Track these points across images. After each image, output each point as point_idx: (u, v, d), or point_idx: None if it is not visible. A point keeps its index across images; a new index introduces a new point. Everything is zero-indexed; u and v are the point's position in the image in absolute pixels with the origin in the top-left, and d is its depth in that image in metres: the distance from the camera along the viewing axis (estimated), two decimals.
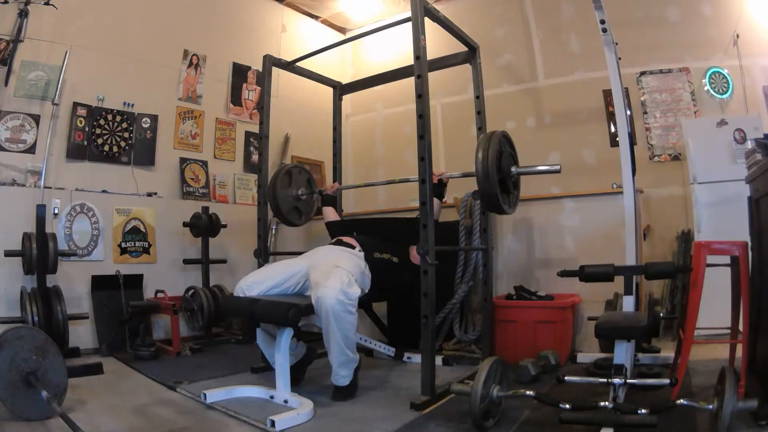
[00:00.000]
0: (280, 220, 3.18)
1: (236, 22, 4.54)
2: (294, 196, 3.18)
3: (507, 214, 2.43)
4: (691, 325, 2.06)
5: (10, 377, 1.87)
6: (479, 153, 2.17)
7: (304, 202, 3.24)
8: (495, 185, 2.16)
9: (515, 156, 2.43)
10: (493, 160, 2.15)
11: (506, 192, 2.33)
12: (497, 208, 2.28)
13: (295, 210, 3.20)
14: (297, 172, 3.23)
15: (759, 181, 1.97)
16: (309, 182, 3.30)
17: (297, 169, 3.25)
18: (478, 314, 3.07)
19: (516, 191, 2.46)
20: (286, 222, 3.18)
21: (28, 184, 3.18)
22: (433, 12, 2.50)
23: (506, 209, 2.33)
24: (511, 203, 2.40)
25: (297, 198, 3.19)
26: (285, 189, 3.12)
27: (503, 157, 2.26)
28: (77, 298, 3.23)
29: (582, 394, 2.04)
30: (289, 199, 3.16)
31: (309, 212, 3.30)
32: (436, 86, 3.65)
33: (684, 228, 3.47)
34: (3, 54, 3.11)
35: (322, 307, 2.08)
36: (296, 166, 3.28)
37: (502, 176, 2.24)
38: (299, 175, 3.24)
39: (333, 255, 2.48)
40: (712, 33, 3.77)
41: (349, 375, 2.25)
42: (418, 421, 1.96)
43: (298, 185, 3.20)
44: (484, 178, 2.15)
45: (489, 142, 2.20)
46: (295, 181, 3.20)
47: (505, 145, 2.33)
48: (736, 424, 1.54)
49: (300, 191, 3.20)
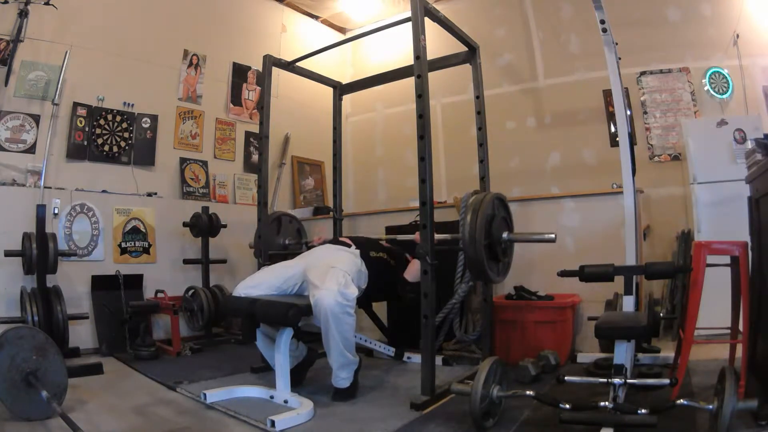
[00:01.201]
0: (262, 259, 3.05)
1: (236, 22, 4.54)
2: (281, 245, 3.19)
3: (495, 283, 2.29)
4: (691, 325, 2.06)
5: (10, 377, 1.87)
6: (467, 217, 2.07)
7: (291, 252, 3.23)
8: (482, 253, 2.06)
9: (509, 220, 2.33)
10: (482, 226, 2.05)
11: (495, 259, 2.21)
12: (483, 276, 2.16)
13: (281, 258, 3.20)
14: (287, 221, 3.26)
15: (759, 181, 1.97)
16: (299, 232, 3.32)
17: (288, 218, 3.28)
18: (478, 314, 3.07)
19: (506, 258, 2.33)
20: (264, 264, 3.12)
21: (28, 184, 3.18)
22: (433, 12, 2.50)
23: (493, 277, 2.20)
24: (499, 271, 2.27)
25: (284, 247, 3.20)
26: (273, 236, 3.14)
27: (494, 222, 2.16)
28: (77, 298, 3.23)
29: (582, 394, 2.04)
30: (276, 247, 3.17)
31: None
32: (436, 86, 3.66)
33: (684, 228, 3.46)
34: (3, 54, 3.11)
35: (321, 310, 2.08)
36: (286, 214, 3.33)
37: (491, 242, 2.13)
38: (289, 225, 3.26)
39: (329, 255, 2.48)
40: (712, 33, 3.77)
41: (349, 377, 2.25)
42: (418, 421, 1.96)
43: (285, 235, 3.22)
44: (470, 245, 2.05)
45: (480, 205, 2.08)
46: (284, 230, 3.22)
47: (499, 209, 2.24)
48: (736, 424, 1.54)
49: (287, 240, 3.21)
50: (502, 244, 2.23)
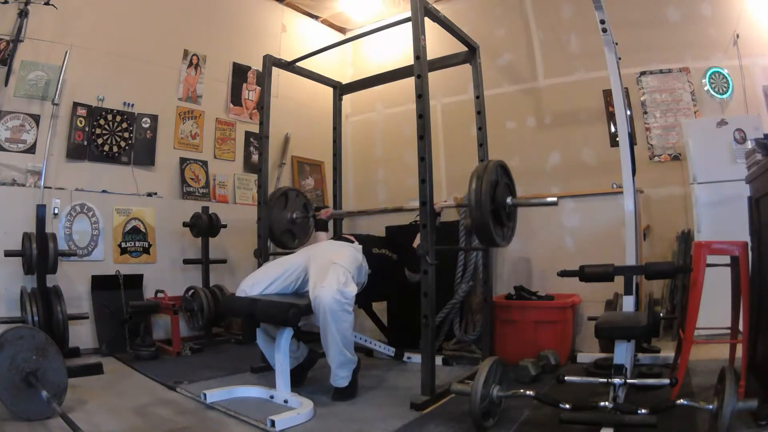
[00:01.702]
0: (272, 240, 3.10)
1: (236, 22, 4.54)
2: (288, 219, 3.19)
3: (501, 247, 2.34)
4: (691, 325, 2.06)
5: (10, 377, 1.87)
6: (473, 182, 2.11)
7: (298, 226, 3.24)
8: (488, 216, 2.10)
9: (512, 186, 2.38)
10: (487, 191, 2.10)
11: (500, 224, 2.26)
12: (490, 240, 2.20)
13: (288, 232, 3.21)
14: (294, 195, 3.25)
15: (759, 181, 1.98)
16: (305, 207, 3.31)
17: (294, 192, 3.27)
18: (478, 314, 3.07)
19: (511, 223, 2.39)
20: (277, 243, 3.14)
21: (28, 184, 3.18)
22: (433, 12, 2.50)
23: (499, 242, 2.25)
24: (505, 236, 2.33)
25: (291, 221, 3.20)
26: (280, 211, 3.14)
27: (498, 188, 2.20)
28: (77, 298, 3.23)
29: (582, 394, 2.04)
30: (284, 222, 3.17)
31: (302, 237, 3.29)
32: (436, 86, 3.65)
33: (684, 228, 3.46)
34: (3, 54, 3.11)
35: (320, 307, 2.09)
36: (293, 189, 3.32)
37: (495, 207, 2.18)
38: (296, 199, 3.25)
39: (330, 249, 2.49)
40: (712, 33, 3.77)
41: (348, 376, 2.25)
42: (418, 421, 1.96)
43: (293, 209, 3.21)
44: (477, 210, 2.09)
45: (484, 172, 2.14)
46: (291, 204, 3.21)
47: (502, 175, 2.28)
48: (736, 424, 1.54)
49: (295, 215, 3.21)
50: (506, 208, 2.28)
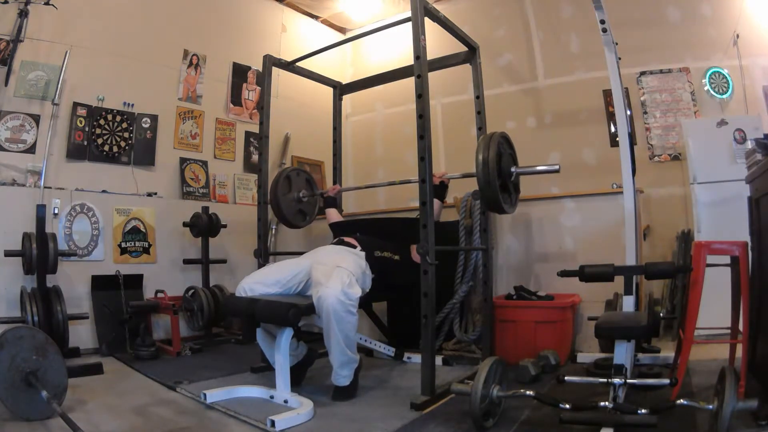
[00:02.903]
0: (284, 224, 3.22)
1: (236, 22, 4.53)
2: (296, 199, 3.21)
3: (508, 214, 2.45)
4: (691, 325, 2.06)
5: (10, 377, 1.87)
6: (479, 155, 2.18)
7: (306, 204, 3.27)
8: (496, 186, 2.17)
9: (515, 156, 2.44)
10: (494, 161, 2.16)
11: (507, 192, 2.35)
12: (498, 208, 2.30)
13: (299, 213, 3.24)
14: (295, 174, 3.25)
15: (759, 181, 1.98)
16: (309, 183, 3.31)
17: (295, 171, 3.27)
18: (478, 314, 3.07)
19: (516, 192, 2.48)
20: (291, 225, 3.22)
21: (28, 184, 3.18)
22: (433, 12, 2.50)
23: (507, 209, 2.35)
24: (512, 202, 2.43)
25: (299, 200, 3.22)
26: (286, 194, 3.15)
27: (503, 158, 2.27)
28: (77, 298, 3.23)
29: (582, 394, 2.04)
30: (292, 203, 3.19)
31: (312, 213, 3.34)
32: (436, 86, 3.65)
33: (684, 228, 3.47)
34: (3, 54, 3.11)
35: (323, 308, 2.09)
36: (294, 168, 3.30)
37: (502, 178, 2.26)
38: (297, 178, 3.25)
39: (335, 255, 2.49)
40: (712, 33, 3.77)
41: (349, 375, 2.26)
42: (418, 421, 1.96)
43: (298, 188, 3.23)
44: (484, 179, 2.16)
45: (489, 143, 2.20)
46: (295, 184, 3.23)
47: (505, 146, 2.34)
48: (736, 424, 1.54)
49: (301, 193, 3.22)
50: (511, 177, 2.35)
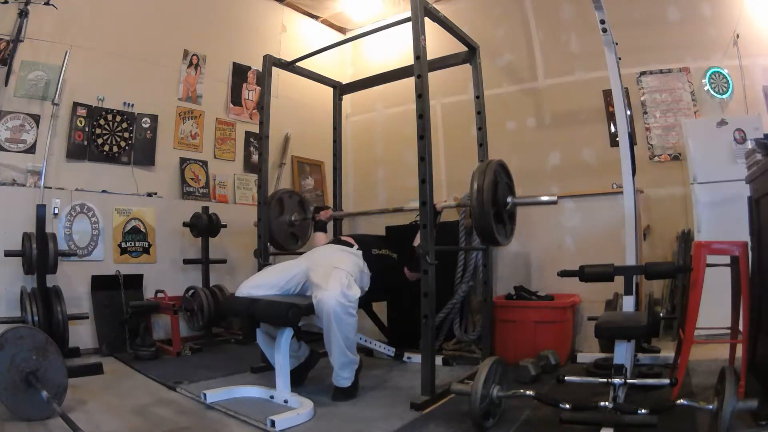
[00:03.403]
0: (275, 248, 3.12)
1: (236, 22, 4.53)
2: (288, 222, 3.19)
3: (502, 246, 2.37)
4: (691, 325, 2.06)
5: (10, 377, 1.87)
6: (474, 182, 2.13)
7: (299, 227, 3.25)
8: (490, 216, 2.12)
9: (512, 186, 2.40)
10: (489, 190, 2.12)
11: (501, 223, 2.28)
12: (492, 239, 2.23)
13: (292, 236, 3.22)
14: (287, 197, 3.25)
15: (759, 181, 1.98)
16: (301, 205, 3.30)
17: (287, 194, 3.28)
18: (478, 314, 3.07)
19: (511, 222, 2.41)
20: (283, 249, 3.16)
21: (28, 184, 3.18)
22: (433, 12, 2.51)
23: (501, 240, 2.28)
24: (506, 234, 2.36)
25: (291, 224, 3.20)
26: (278, 217, 3.13)
27: (499, 187, 2.22)
28: (77, 298, 3.23)
29: (582, 394, 2.04)
30: (284, 226, 3.17)
31: (304, 236, 3.30)
32: (436, 86, 3.65)
33: (684, 228, 3.47)
34: (3, 54, 3.11)
35: (323, 310, 2.09)
36: (287, 191, 3.32)
37: (497, 206, 2.21)
38: (290, 200, 3.25)
39: (332, 255, 2.48)
40: (712, 33, 3.77)
41: (350, 377, 2.26)
42: (418, 421, 1.96)
43: (291, 211, 3.21)
44: (478, 209, 2.11)
45: (485, 170, 2.16)
46: (288, 206, 3.22)
47: (501, 175, 2.29)
48: (736, 424, 1.54)
49: (293, 217, 3.20)
50: (507, 207, 2.30)
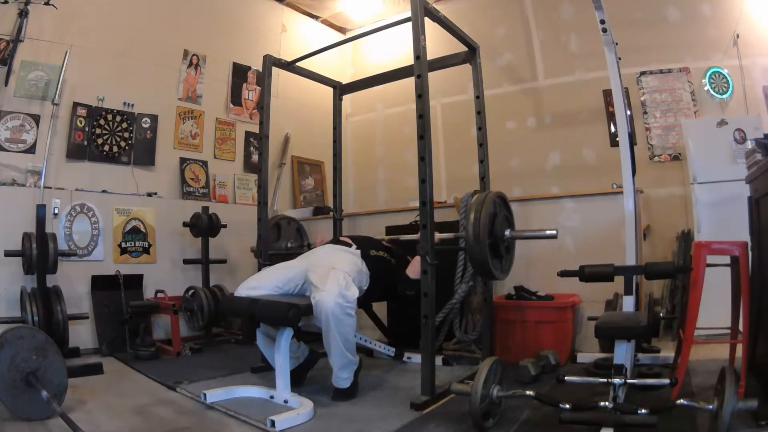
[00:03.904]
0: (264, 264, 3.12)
1: (236, 22, 4.54)
2: (284, 248, 3.19)
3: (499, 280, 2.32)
4: (691, 325, 2.06)
5: (10, 377, 1.87)
6: (470, 215, 2.11)
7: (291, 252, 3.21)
8: (486, 251, 2.09)
9: (510, 219, 2.37)
10: (485, 224, 2.09)
11: (498, 257, 2.25)
12: (487, 273, 2.20)
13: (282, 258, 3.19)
14: (286, 223, 3.26)
15: (759, 181, 1.98)
16: (299, 232, 3.30)
17: (285, 220, 3.29)
18: (478, 314, 3.07)
19: (509, 255, 2.38)
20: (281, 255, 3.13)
21: (28, 184, 3.18)
22: (433, 12, 2.50)
23: (497, 274, 2.24)
24: (503, 268, 2.32)
25: (287, 250, 3.19)
26: (274, 243, 3.13)
27: (497, 221, 2.20)
28: (77, 298, 3.23)
29: (582, 394, 2.04)
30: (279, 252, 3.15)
31: None
32: (436, 86, 3.65)
33: (684, 228, 3.47)
34: (3, 54, 3.11)
35: (322, 311, 2.09)
36: (285, 217, 3.33)
37: (494, 240, 2.18)
38: (288, 227, 3.25)
39: (330, 256, 2.48)
40: (712, 33, 3.77)
41: (349, 377, 2.26)
42: (418, 421, 1.96)
43: (287, 237, 3.22)
44: (474, 242, 2.08)
45: (482, 203, 2.13)
46: (285, 232, 3.22)
47: (500, 208, 2.27)
48: (736, 424, 1.54)
49: (289, 244, 3.20)
50: (504, 241, 2.27)
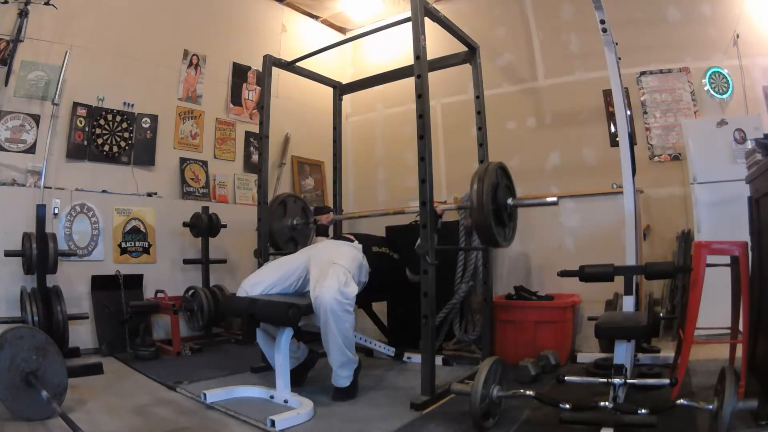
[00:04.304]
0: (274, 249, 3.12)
1: (236, 22, 4.53)
2: (289, 226, 3.19)
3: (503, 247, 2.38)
4: (691, 325, 2.06)
5: (10, 377, 1.87)
6: (474, 185, 2.15)
7: (299, 231, 3.24)
8: (490, 219, 2.14)
9: (512, 188, 2.41)
10: (488, 192, 2.13)
11: (501, 225, 2.30)
12: (493, 241, 2.25)
13: (291, 240, 3.21)
14: (292, 201, 3.25)
15: (759, 181, 1.98)
16: (304, 211, 3.30)
17: (292, 198, 3.27)
18: (478, 314, 3.07)
19: (512, 223, 2.43)
20: (281, 251, 3.14)
21: (28, 184, 3.18)
22: (433, 12, 2.51)
23: (501, 242, 2.30)
24: (506, 236, 2.37)
25: (292, 227, 3.20)
26: (280, 220, 3.14)
27: (499, 189, 2.24)
28: (77, 298, 3.23)
29: (582, 394, 2.04)
30: (285, 229, 3.17)
31: (304, 242, 3.30)
32: (436, 86, 3.65)
33: (684, 228, 3.47)
34: (3, 54, 3.11)
35: (320, 307, 2.09)
36: (291, 195, 3.32)
37: (497, 208, 2.22)
38: (294, 205, 3.25)
39: (331, 250, 2.49)
40: (712, 33, 3.77)
41: (349, 376, 2.26)
42: (418, 421, 1.96)
43: (293, 215, 3.22)
44: (478, 211, 2.13)
45: (485, 174, 2.18)
46: (291, 211, 3.21)
47: (502, 177, 2.32)
48: (736, 424, 1.54)
49: (295, 221, 3.20)
50: (507, 209, 2.32)
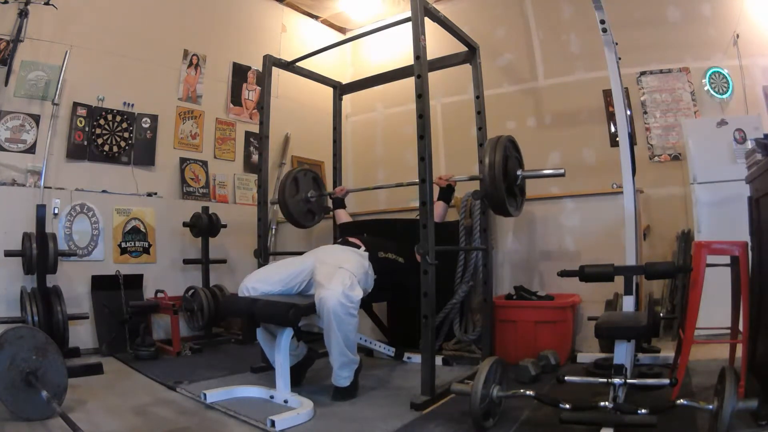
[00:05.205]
0: (293, 225, 3.26)
1: (236, 22, 4.54)
2: (304, 199, 3.24)
3: (513, 216, 2.48)
4: (691, 325, 2.06)
5: (10, 377, 1.87)
6: (486, 158, 2.21)
7: (315, 203, 3.30)
8: (502, 190, 2.21)
9: (521, 160, 2.48)
10: (500, 164, 2.20)
11: (513, 196, 2.38)
12: (504, 211, 2.34)
13: (308, 213, 3.28)
14: (302, 175, 3.27)
15: (759, 181, 1.97)
16: (315, 181, 3.33)
17: (302, 172, 3.29)
18: (478, 314, 3.07)
19: (522, 195, 2.52)
20: (300, 226, 3.27)
21: (28, 184, 3.18)
22: (433, 12, 2.50)
23: (512, 212, 2.39)
24: (517, 205, 2.46)
25: (307, 201, 3.25)
26: (294, 196, 3.18)
27: (509, 162, 2.31)
28: (77, 298, 3.23)
29: (582, 394, 2.04)
30: (300, 203, 3.22)
31: (320, 212, 3.37)
32: (436, 86, 3.65)
33: (684, 228, 3.47)
34: (3, 54, 3.11)
35: (324, 309, 2.09)
36: (300, 169, 3.32)
37: (508, 181, 2.29)
38: (305, 178, 3.28)
39: (338, 254, 2.49)
40: (712, 33, 3.77)
41: (349, 376, 2.26)
42: (418, 421, 1.96)
43: (306, 188, 3.26)
44: (491, 182, 2.20)
45: (495, 146, 2.24)
46: (303, 184, 3.25)
47: (511, 150, 2.38)
48: (736, 424, 1.54)
49: (309, 194, 3.25)
50: (517, 180, 2.39)
